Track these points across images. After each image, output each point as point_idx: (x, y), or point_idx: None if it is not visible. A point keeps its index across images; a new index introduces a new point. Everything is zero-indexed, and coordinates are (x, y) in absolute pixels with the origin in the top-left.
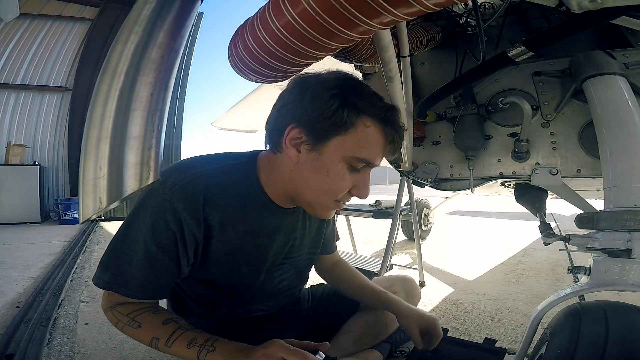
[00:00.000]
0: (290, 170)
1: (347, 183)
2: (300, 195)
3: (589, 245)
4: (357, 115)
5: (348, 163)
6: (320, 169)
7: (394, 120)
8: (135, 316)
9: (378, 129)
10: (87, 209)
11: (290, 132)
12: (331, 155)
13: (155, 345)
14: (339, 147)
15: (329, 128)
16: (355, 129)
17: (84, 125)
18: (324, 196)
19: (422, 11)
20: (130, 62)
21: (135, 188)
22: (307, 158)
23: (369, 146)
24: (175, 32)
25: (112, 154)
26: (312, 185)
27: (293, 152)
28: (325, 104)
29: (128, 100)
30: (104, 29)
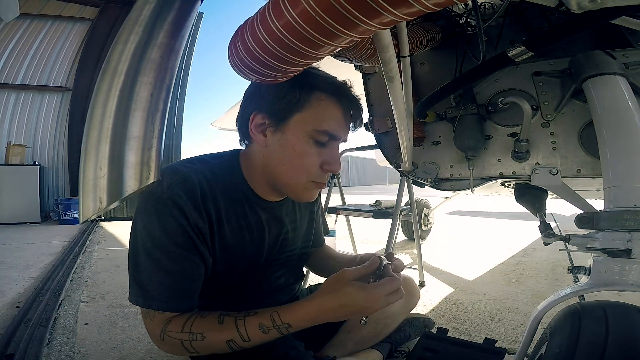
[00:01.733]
0: (263, 156)
1: (315, 158)
2: (277, 180)
3: (589, 245)
4: (309, 92)
5: (312, 138)
6: (287, 147)
7: (347, 92)
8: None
9: (333, 101)
10: (87, 209)
11: (254, 119)
12: (294, 132)
13: (234, 346)
14: (300, 123)
15: (286, 107)
16: (311, 104)
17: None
18: (297, 175)
19: (422, 11)
20: (130, 62)
21: (135, 188)
22: (274, 140)
23: (327, 119)
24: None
25: (112, 154)
26: (284, 165)
27: (260, 138)
28: (278, 86)
29: (128, 100)
30: (104, 29)
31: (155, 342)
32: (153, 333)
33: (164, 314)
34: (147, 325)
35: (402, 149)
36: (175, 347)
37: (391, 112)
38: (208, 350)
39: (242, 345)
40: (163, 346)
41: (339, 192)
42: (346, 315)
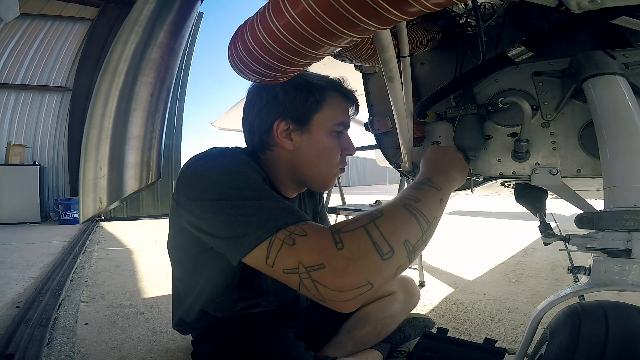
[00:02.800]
0: (289, 159)
1: (338, 148)
2: (307, 175)
3: (589, 245)
4: (322, 92)
5: (333, 131)
6: (317, 145)
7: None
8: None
9: (340, 96)
10: (87, 209)
11: (278, 126)
12: (319, 130)
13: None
14: (321, 121)
15: (308, 110)
16: (326, 103)
17: (84, 125)
18: (328, 166)
19: (422, 11)
20: (130, 62)
21: (136, 188)
22: (302, 141)
23: (340, 111)
24: (175, 32)
25: (112, 154)
26: (314, 162)
27: (287, 143)
28: (297, 93)
29: (128, 100)
30: (104, 29)
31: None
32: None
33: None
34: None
35: (402, 149)
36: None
37: (391, 112)
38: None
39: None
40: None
41: (339, 192)
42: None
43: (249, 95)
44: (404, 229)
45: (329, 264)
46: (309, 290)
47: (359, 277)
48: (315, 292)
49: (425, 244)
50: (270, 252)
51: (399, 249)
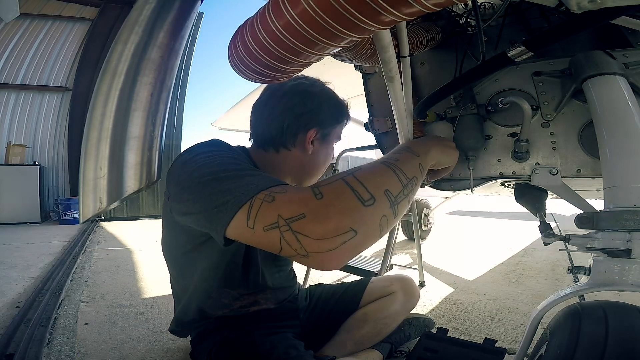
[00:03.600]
0: (302, 160)
1: None
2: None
3: (589, 245)
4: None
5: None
6: (327, 153)
7: None
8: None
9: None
10: (87, 209)
11: (315, 134)
12: (332, 141)
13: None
14: (335, 134)
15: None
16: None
17: (84, 125)
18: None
19: (422, 11)
20: (130, 62)
21: (136, 188)
22: (320, 149)
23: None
24: (175, 33)
25: (112, 154)
26: (321, 166)
27: (309, 147)
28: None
29: (128, 100)
30: (104, 29)
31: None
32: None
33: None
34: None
35: None
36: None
37: (391, 112)
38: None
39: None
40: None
41: None
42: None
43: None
44: (384, 180)
45: (309, 212)
46: (291, 245)
47: (341, 222)
48: (297, 245)
49: (408, 200)
50: (251, 213)
51: (380, 197)
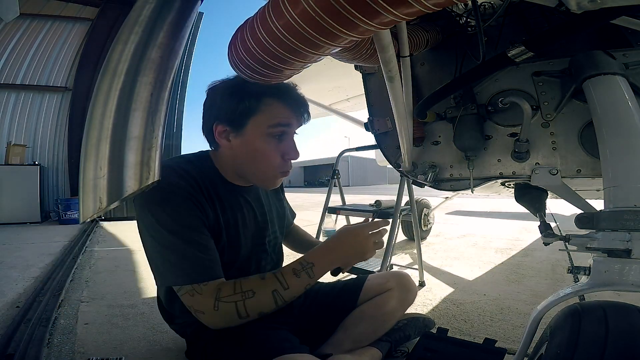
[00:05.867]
0: (230, 157)
1: (276, 152)
2: (246, 173)
3: (589, 245)
4: (258, 98)
5: (268, 135)
6: (250, 147)
7: (290, 91)
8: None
9: (279, 101)
10: (87, 209)
11: (217, 128)
12: (253, 134)
13: (277, 297)
14: (256, 125)
15: (241, 115)
16: (261, 108)
17: (84, 125)
18: (263, 168)
19: (422, 11)
20: (130, 62)
21: (135, 188)
22: (237, 143)
23: (277, 115)
24: (175, 33)
25: (112, 154)
26: (249, 163)
27: (225, 143)
28: (231, 99)
29: (128, 100)
30: (104, 29)
31: (207, 317)
32: (206, 306)
33: (211, 283)
34: (196, 301)
35: (402, 149)
36: (229, 314)
37: (391, 112)
38: (258, 308)
39: (284, 295)
40: (216, 318)
41: (339, 192)
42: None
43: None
44: (263, 308)
45: (207, 314)
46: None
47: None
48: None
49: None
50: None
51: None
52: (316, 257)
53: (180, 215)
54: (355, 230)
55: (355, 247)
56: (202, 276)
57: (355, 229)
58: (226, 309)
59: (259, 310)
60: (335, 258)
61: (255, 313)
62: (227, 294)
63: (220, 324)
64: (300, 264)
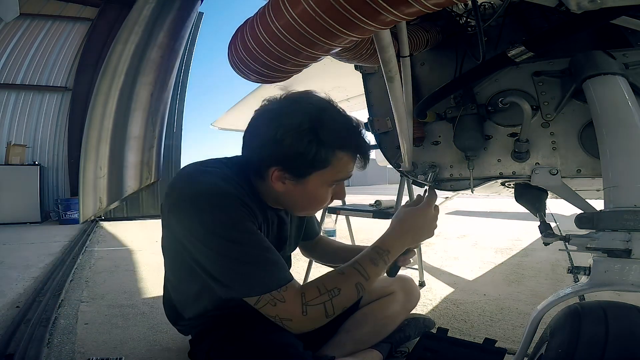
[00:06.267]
0: (278, 193)
1: (329, 196)
2: (290, 208)
3: (589, 245)
4: (332, 153)
5: (329, 185)
6: (306, 195)
7: (362, 143)
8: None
9: (350, 157)
10: (87, 209)
11: (274, 173)
12: (314, 184)
13: (360, 288)
14: (320, 178)
15: (308, 167)
16: (332, 163)
17: (84, 125)
18: (312, 210)
19: (422, 11)
20: (130, 62)
21: (135, 188)
22: (294, 189)
23: (344, 170)
24: (175, 33)
25: (112, 154)
26: (301, 205)
27: (279, 185)
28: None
29: (128, 100)
30: (104, 29)
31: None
32: (293, 314)
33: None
34: (281, 310)
35: (402, 149)
36: (319, 315)
37: (391, 112)
38: (343, 303)
39: (365, 286)
40: (306, 322)
41: None
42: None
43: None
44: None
45: (295, 320)
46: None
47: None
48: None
49: None
50: (257, 303)
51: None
52: (390, 243)
53: (237, 221)
54: (424, 211)
55: (424, 226)
56: (278, 282)
57: (422, 209)
58: (315, 312)
59: (344, 305)
60: (407, 241)
61: (340, 309)
62: (314, 296)
63: (308, 327)
64: (377, 253)
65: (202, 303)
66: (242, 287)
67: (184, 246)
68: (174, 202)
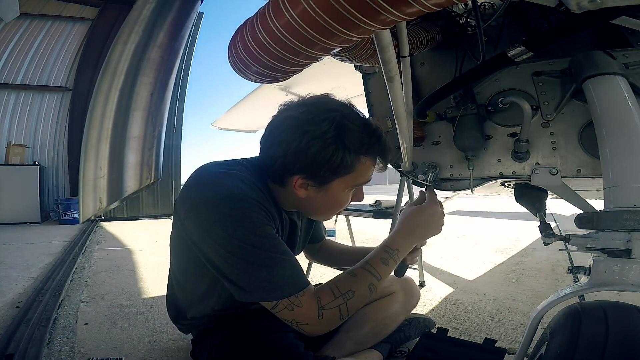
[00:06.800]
0: (299, 199)
1: (349, 200)
2: (310, 214)
3: (589, 245)
4: (356, 159)
5: (350, 190)
6: (328, 201)
7: (384, 148)
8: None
9: (372, 161)
10: (87, 209)
11: (298, 181)
12: (337, 190)
13: (373, 288)
14: (343, 183)
15: (333, 175)
16: (355, 168)
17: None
18: (332, 214)
19: (422, 11)
20: (130, 62)
21: (135, 188)
22: (316, 195)
23: (366, 174)
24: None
25: (112, 154)
26: (321, 210)
27: (302, 192)
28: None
29: (128, 100)
30: (104, 29)
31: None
32: (309, 318)
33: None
34: (298, 315)
35: (402, 149)
36: (334, 318)
37: (391, 112)
38: (357, 305)
39: (377, 286)
40: (322, 325)
41: None
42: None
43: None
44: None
45: (311, 324)
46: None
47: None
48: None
49: None
50: (274, 308)
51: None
52: (399, 242)
53: (258, 225)
54: (431, 209)
55: (432, 223)
56: (296, 287)
57: (429, 207)
58: (331, 315)
59: (357, 307)
60: (416, 239)
61: (354, 310)
62: (329, 300)
63: (324, 330)
64: (386, 252)
65: (209, 303)
66: (261, 292)
67: (200, 248)
68: (194, 204)
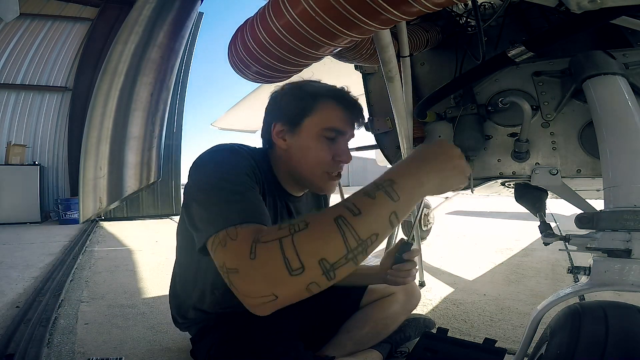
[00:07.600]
0: (284, 157)
1: (326, 152)
2: (298, 174)
3: (589, 245)
4: (315, 99)
5: (322, 136)
6: (303, 146)
7: (346, 95)
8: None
9: (335, 104)
10: (87, 209)
11: (275, 128)
12: (307, 133)
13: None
14: (311, 125)
15: (298, 114)
16: (317, 109)
17: (84, 125)
18: (313, 167)
19: (422, 11)
20: (130, 62)
21: (135, 188)
22: (292, 142)
23: (332, 118)
24: (175, 33)
25: (112, 154)
26: (301, 161)
27: (281, 142)
28: (290, 98)
29: (128, 100)
30: (104, 29)
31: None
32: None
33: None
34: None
35: (402, 149)
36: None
37: (391, 112)
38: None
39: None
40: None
41: (339, 192)
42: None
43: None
44: (323, 247)
45: (241, 270)
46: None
47: (262, 287)
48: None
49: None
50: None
51: (312, 267)
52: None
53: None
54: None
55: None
56: (240, 217)
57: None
58: (266, 254)
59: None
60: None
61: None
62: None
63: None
64: (373, 184)
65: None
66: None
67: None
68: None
